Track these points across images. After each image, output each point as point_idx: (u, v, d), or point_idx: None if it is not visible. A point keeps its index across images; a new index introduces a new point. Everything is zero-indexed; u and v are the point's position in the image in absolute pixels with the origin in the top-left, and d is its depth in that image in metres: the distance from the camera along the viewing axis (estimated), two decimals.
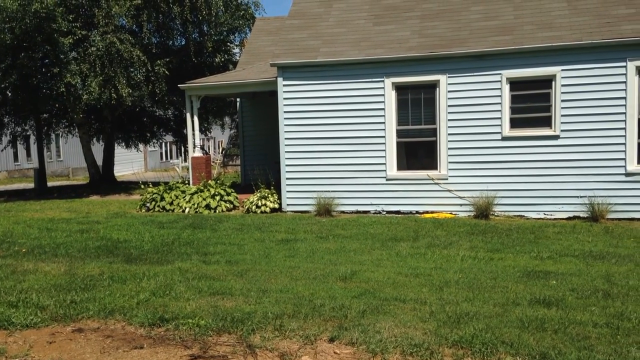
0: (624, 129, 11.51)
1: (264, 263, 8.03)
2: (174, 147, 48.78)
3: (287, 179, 13.37)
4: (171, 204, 13.96)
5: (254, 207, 13.29)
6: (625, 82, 11.45)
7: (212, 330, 5.20)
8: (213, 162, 25.78)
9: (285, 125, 13.31)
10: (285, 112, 13.28)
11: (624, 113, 11.48)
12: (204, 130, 24.84)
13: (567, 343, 4.79)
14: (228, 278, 7.10)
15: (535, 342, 4.81)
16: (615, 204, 11.49)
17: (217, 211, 13.57)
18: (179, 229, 11.07)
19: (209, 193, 13.82)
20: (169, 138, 29.12)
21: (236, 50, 24.44)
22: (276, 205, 13.36)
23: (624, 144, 11.53)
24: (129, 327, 5.37)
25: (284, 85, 13.25)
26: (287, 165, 13.38)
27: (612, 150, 11.63)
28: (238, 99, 18.46)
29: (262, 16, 22.43)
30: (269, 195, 13.47)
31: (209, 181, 14.44)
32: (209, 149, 48.05)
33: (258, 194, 13.53)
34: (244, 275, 7.26)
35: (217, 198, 13.74)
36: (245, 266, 7.80)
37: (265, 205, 13.28)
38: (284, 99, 13.27)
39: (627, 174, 11.57)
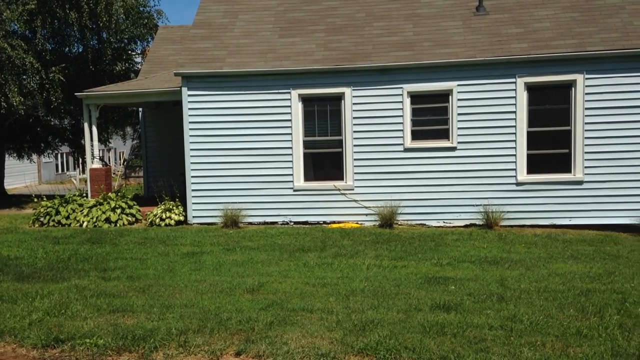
0: (515, 141, 12.27)
1: (168, 277, 7.80)
2: (71, 159, 46.43)
3: (193, 190, 13.10)
4: (67, 218, 13.25)
5: (157, 220, 12.90)
6: (515, 97, 12.21)
7: (112, 349, 4.98)
8: (114, 173, 24.81)
9: (191, 136, 13.06)
10: (190, 122, 13.03)
11: (514, 126, 12.25)
12: (104, 140, 23.83)
13: (465, 346, 5.01)
14: (129, 294, 6.83)
15: (436, 346, 4.99)
16: (508, 211, 12.20)
17: (118, 225, 13.04)
18: (76, 244, 10.52)
19: (109, 206, 13.25)
20: (65, 149, 27.68)
21: (138, 59, 23.72)
22: (181, 218, 13.04)
23: (515, 155, 12.29)
24: (21, 350, 5.03)
25: (189, 95, 13.01)
26: (192, 176, 13.11)
27: (505, 161, 12.35)
28: (140, 109, 17.90)
29: (165, 24, 21.90)
30: (174, 208, 13.13)
31: (109, 194, 13.86)
32: (109, 160, 46.20)
33: (162, 207, 13.15)
34: (146, 290, 7.01)
35: (118, 211, 13.21)
36: (148, 281, 7.54)
37: (170, 217, 12.92)
38: (189, 109, 13.03)
39: (518, 184, 12.33)
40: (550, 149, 12.26)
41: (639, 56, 11.72)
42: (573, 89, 12.04)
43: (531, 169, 12.30)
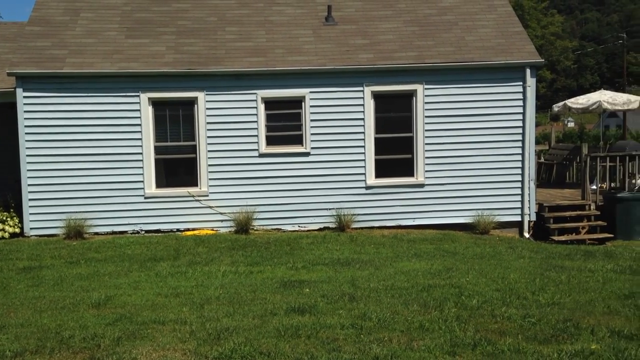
0: (364, 147, 12.84)
1: (1, 296, 7.11)
2: None
3: (31, 199, 12.06)
4: None
5: None
6: (363, 105, 12.74)
7: None
8: None
9: (27, 141, 12.02)
10: (26, 126, 11.99)
11: (363, 132, 12.82)
12: None
13: (319, 347, 5.13)
14: None
15: (290, 349, 5.05)
16: (358, 214, 12.73)
17: None
18: None
19: None
20: None
21: None
22: (17, 230, 11.95)
23: (364, 160, 12.86)
24: None
25: (25, 97, 11.97)
26: (30, 184, 12.06)
27: (355, 166, 12.87)
28: None
29: None
30: (8, 219, 12.01)
31: None
32: None
33: None
34: None
35: None
36: None
37: (3, 230, 11.80)
38: (25, 111, 11.99)
39: (367, 187, 12.92)
40: (395, 154, 13.00)
41: (470, 69, 12.85)
42: (414, 98, 12.88)
43: (379, 174, 12.94)
